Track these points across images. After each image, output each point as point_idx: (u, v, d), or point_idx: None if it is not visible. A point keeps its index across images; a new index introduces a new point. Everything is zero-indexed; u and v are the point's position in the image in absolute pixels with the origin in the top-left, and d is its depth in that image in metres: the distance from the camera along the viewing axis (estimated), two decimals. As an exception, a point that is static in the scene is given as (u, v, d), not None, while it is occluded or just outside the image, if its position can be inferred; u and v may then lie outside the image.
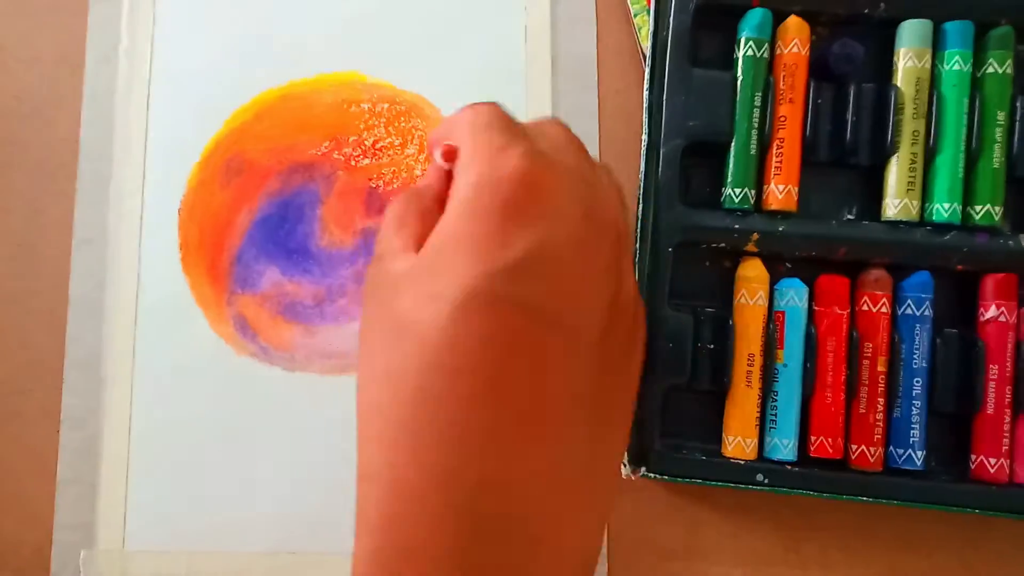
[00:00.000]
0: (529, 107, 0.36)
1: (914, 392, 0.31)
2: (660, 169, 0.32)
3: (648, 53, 0.33)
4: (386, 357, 0.20)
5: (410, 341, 0.19)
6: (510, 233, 0.19)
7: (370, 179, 0.36)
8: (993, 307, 0.32)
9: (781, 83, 0.32)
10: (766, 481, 0.31)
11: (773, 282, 0.32)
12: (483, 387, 0.19)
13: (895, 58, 0.32)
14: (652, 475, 0.32)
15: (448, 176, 0.23)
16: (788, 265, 0.33)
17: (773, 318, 0.32)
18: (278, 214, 0.36)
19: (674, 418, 0.33)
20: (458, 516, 0.18)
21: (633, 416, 0.25)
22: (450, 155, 0.23)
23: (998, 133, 0.32)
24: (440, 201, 0.23)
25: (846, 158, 0.33)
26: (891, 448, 0.32)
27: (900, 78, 0.32)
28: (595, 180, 0.23)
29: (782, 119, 0.32)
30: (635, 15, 0.35)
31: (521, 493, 0.19)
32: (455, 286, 0.19)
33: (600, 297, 0.21)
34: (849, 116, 0.32)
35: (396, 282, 0.20)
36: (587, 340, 0.21)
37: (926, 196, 0.32)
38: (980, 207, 0.32)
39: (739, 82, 0.32)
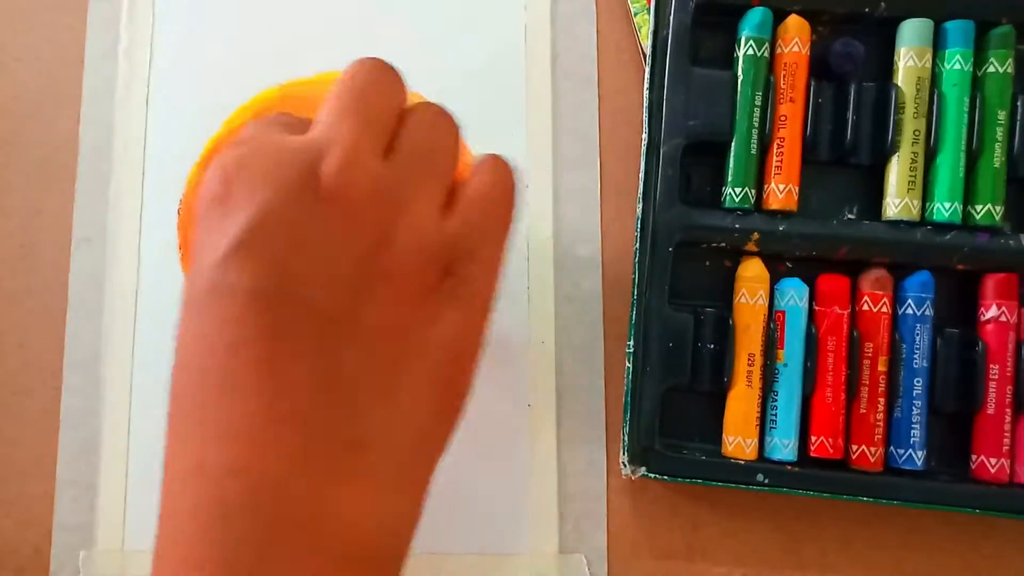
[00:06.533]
0: (529, 106, 0.36)
1: (915, 392, 0.31)
2: (660, 168, 0.32)
3: (648, 52, 0.33)
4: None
5: (178, 344, 0.21)
6: (218, 223, 0.20)
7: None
8: (994, 307, 0.32)
9: (781, 82, 0.32)
10: (766, 481, 0.31)
11: (773, 282, 0.32)
12: (216, 378, 0.20)
13: (896, 57, 0.32)
14: (652, 475, 0.32)
15: None
16: (788, 265, 0.33)
17: (773, 318, 0.32)
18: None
19: (674, 418, 0.33)
20: (208, 505, 0.19)
21: (450, 398, 0.23)
22: None
23: (999, 132, 0.32)
24: None
25: (846, 157, 0.33)
26: (891, 448, 0.32)
27: (901, 77, 0.32)
28: (344, 137, 0.21)
29: (782, 118, 0.32)
30: (635, 14, 0.35)
31: (268, 477, 0.19)
32: (187, 287, 0.21)
33: (340, 267, 0.20)
34: (850, 115, 0.32)
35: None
36: (333, 314, 0.20)
37: (927, 195, 0.32)
38: (981, 206, 0.32)
39: (739, 81, 0.32)
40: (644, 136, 0.33)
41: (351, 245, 0.21)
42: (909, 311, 0.32)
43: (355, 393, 0.20)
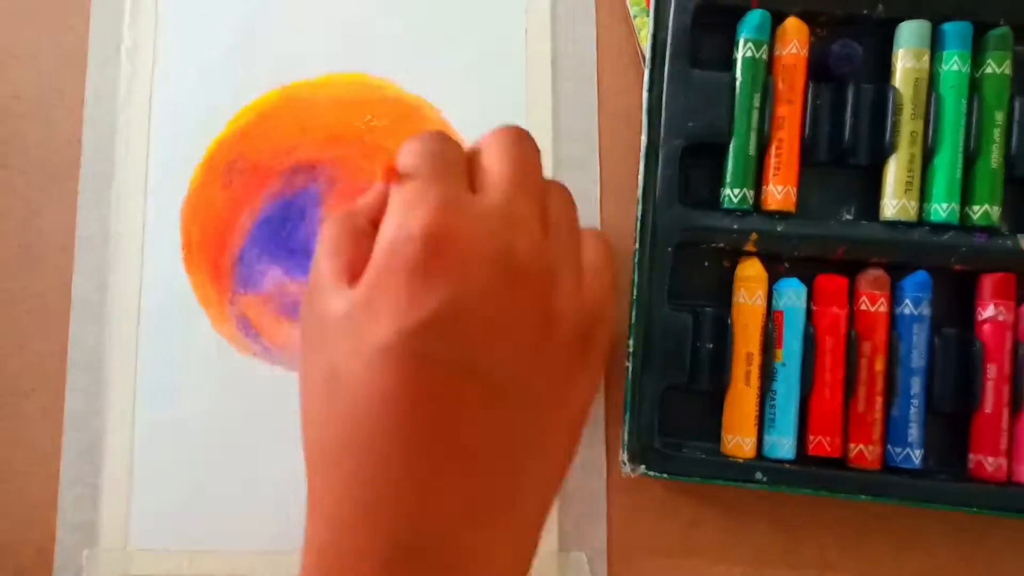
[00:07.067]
0: (529, 108, 0.36)
1: (912, 391, 0.32)
2: (659, 169, 0.33)
3: (648, 54, 0.33)
4: (319, 403, 0.22)
5: (339, 390, 0.21)
6: (418, 293, 0.21)
7: (372, 180, 0.36)
8: (991, 306, 0.32)
9: (780, 84, 0.32)
10: (765, 480, 0.31)
11: (772, 282, 0.33)
12: (400, 434, 0.21)
13: (893, 59, 0.33)
14: (652, 473, 0.32)
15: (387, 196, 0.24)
16: (787, 265, 0.33)
17: (772, 317, 0.32)
18: (280, 215, 0.36)
19: (673, 417, 0.33)
20: (381, 546, 0.20)
21: (573, 449, 0.25)
22: (390, 176, 0.24)
23: (996, 133, 0.32)
24: (374, 223, 0.24)
25: (845, 158, 0.33)
26: (889, 447, 0.32)
27: (898, 79, 0.32)
28: (525, 213, 0.23)
29: (781, 120, 0.32)
30: (635, 16, 0.35)
31: (437, 525, 0.21)
32: (373, 344, 0.21)
33: (520, 340, 0.22)
34: (848, 117, 0.33)
35: (327, 330, 0.22)
36: (505, 382, 0.22)
37: (924, 196, 0.32)
38: (978, 207, 0.32)
39: (738, 83, 0.32)
40: (643, 137, 0.33)
41: (529, 321, 0.22)
42: (907, 311, 0.32)
43: (515, 452, 0.22)
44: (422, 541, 0.21)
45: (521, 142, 0.25)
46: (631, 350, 0.32)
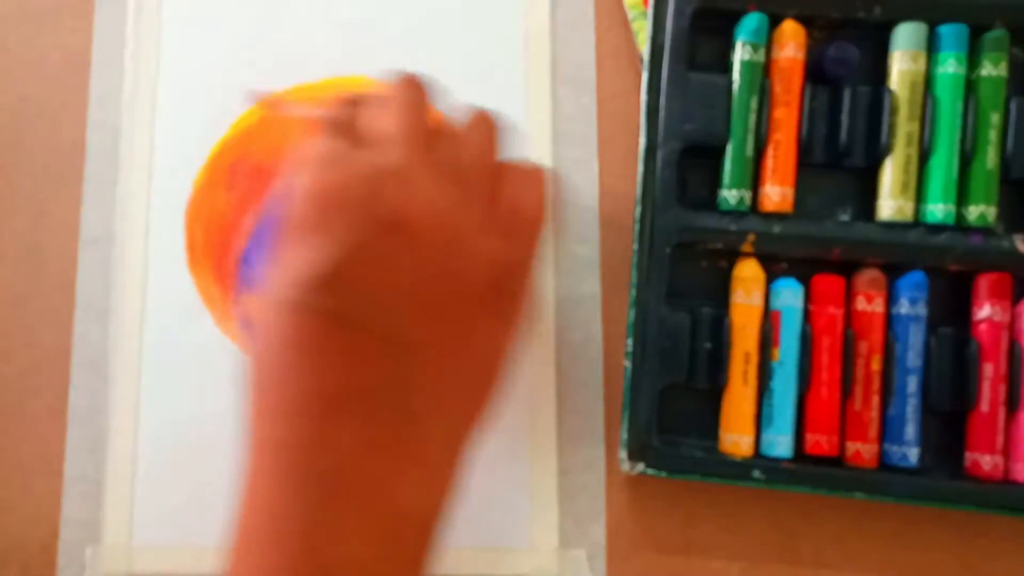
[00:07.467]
0: (529, 111, 0.36)
1: (908, 390, 0.32)
2: (658, 171, 0.33)
3: (646, 57, 0.33)
4: (248, 350, 0.24)
5: (252, 339, 0.23)
6: (303, 249, 0.22)
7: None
8: (987, 306, 0.32)
9: (777, 86, 0.33)
10: (762, 478, 0.32)
11: (769, 282, 0.33)
12: (294, 377, 0.22)
13: (890, 61, 0.33)
14: (650, 471, 0.32)
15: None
16: (784, 265, 0.34)
17: (769, 317, 0.32)
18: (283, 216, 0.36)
19: (672, 415, 0.33)
20: (288, 472, 0.22)
21: (487, 396, 0.25)
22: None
23: (992, 135, 0.32)
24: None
25: (841, 160, 0.33)
26: (886, 446, 0.32)
27: (895, 81, 0.33)
28: (408, 164, 0.23)
29: (778, 122, 0.33)
30: (633, 20, 0.36)
31: (339, 455, 0.22)
32: (271, 297, 0.23)
33: (408, 291, 0.23)
34: (844, 118, 0.33)
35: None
36: (394, 331, 0.22)
37: (920, 197, 0.33)
38: (974, 208, 0.32)
39: (735, 85, 0.33)
40: (642, 139, 0.33)
41: (424, 273, 0.23)
42: (903, 310, 0.32)
43: (415, 393, 0.23)
44: (327, 468, 0.21)
45: (408, 91, 0.25)
46: (630, 349, 0.33)
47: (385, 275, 0.22)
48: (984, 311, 0.32)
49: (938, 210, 0.32)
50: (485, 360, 0.24)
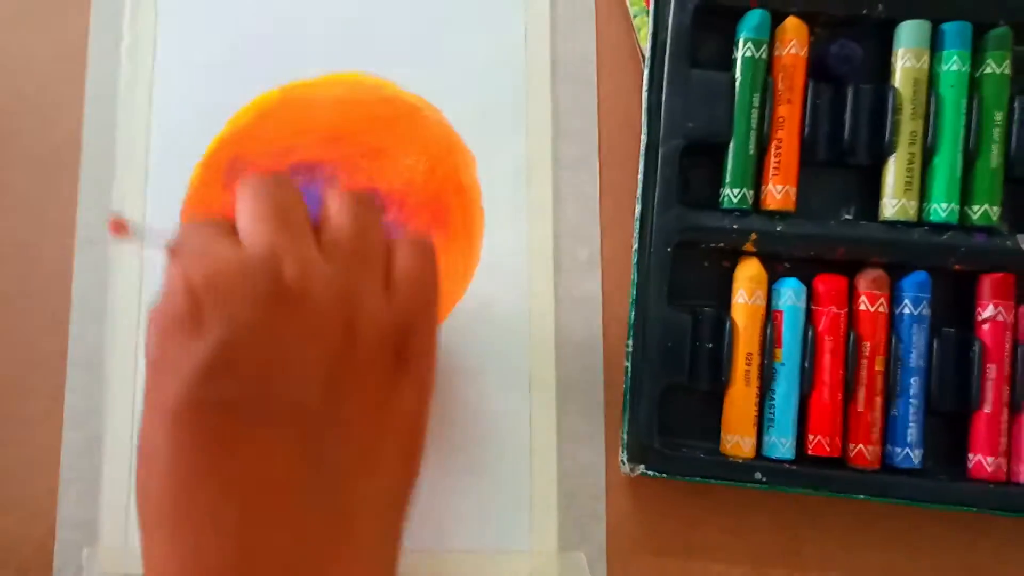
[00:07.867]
0: (529, 108, 0.36)
1: (911, 391, 0.32)
2: (659, 169, 0.33)
3: (647, 54, 0.33)
4: (137, 472, 0.22)
5: (144, 461, 0.22)
6: (188, 345, 0.21)
7: (371, 180, 0.36)
8: (991, 306, 0.32)
9: (779, 84, 0.32)
10: (764, 479, 0.31)
11: (771, 282, 0.33)
12: (203, 486, 0.21)
13: (893, 59, 0.33)
14: (651, 473, 0.32)
15: None
16: (786, 265, 0.33)
17: (771, 317, 0.32)
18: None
19: (673, 417, 0.33)
20: None
21: (414, 460, 0.24)
22: (116, 228, 0.25)
23: (996, 133, 0.32)
24: None
25: (844, 158, 0.33)
26: (889, 447, 0.32)
27: (898, 79, 0.32)
28: (286, 244, 0.22)
29: (780, 120, 0.32)
30: (634, 16, 0.35)
31: (260, 570, 0.20)
32: (156, 398, 0.21)
33: (309, 369, 0.22)
34: (847, 116, 0.33)
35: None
36: (302, 413, 0.21)
37: (924, 196, 0.32)
38: (978, 207, 0.32)
39: (738, 83, 0.32)
40: (643, 137, 0.33)
41: (320, 345, 0.22)
42: (906, 311, 0.32)
43: (338, 478, 0.22)
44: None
45: (269, 183, 0.24)
46: (630, 349, 0.32)
47: (278, 352, 0.21)
48: (988, 311, 0.32)
49: (941, 209, 0.32)
50: (403, 430, 0.24)
